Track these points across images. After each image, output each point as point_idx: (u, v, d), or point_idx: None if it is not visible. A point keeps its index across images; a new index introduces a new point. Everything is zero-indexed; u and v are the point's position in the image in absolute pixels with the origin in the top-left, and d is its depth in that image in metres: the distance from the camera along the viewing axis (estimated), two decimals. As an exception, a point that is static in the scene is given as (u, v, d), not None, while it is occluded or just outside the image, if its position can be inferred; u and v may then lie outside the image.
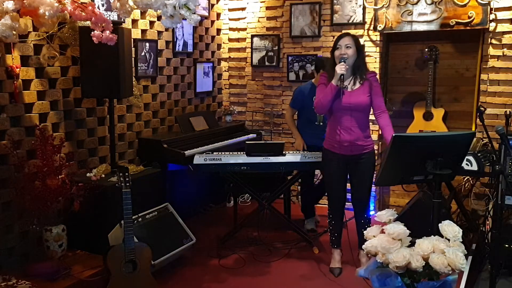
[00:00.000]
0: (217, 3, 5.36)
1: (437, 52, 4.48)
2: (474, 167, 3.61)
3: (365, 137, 3.41)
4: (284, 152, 3.87)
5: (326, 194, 3.85)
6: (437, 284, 2.14)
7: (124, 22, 3.82)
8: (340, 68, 3.23)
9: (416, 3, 4.39)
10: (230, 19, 5.46)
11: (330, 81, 3.32)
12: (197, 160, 3.78)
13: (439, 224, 2.25)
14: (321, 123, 4.18)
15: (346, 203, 3.67)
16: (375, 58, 4.72)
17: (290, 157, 3.85)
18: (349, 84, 3.38)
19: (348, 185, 3.60)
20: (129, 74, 3.61)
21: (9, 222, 3.24)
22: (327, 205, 3.67)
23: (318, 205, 5.15)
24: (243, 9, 5.37)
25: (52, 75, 3.48)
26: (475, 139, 3.97)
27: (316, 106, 3.46)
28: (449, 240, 2.18)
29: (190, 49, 4.91)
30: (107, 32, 2.79)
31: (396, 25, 4.51)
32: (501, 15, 4.12)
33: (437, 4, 4.31)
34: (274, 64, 5.26)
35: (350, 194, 3.65)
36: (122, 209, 2.95)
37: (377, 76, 3.48)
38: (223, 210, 5.01)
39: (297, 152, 4.01)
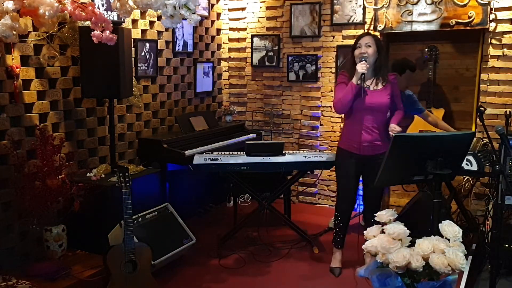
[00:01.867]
0: (217, 3, 5.36)
1: (437, 52, 4.48)
2: (474, 167, 3.61)
3: (382, 138, 3.39)
4: (284, 152, 3.86)
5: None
6: (437, 284, 2.14)
7: (124, 22, 3.82)
8: (361, 67, 3.22)
9: (416, 3, 4.39)
10: (230, 19, 5.46)
11: (350, 80, 3.32)
12: (197, 160, 3.78)
13: (439, 224, 2.25)
14: None
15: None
16: (375, 58, 4.72)
17: (290, 157, 3.85)
18: (371, 84, 3.37)
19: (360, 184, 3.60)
20: (129, 74, 3.60)
21: (9, 222, 3.24)
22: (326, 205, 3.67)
23: (318, 205, 5.17)
24: (243, 9, 5.37)
25: (52, 75, 3.48)
26: (475, 139, 3.97)
27: (335, 105, 3.42)
28: (449, 240, 2.18)
29: (190, 49, 4.91)
30: (107, 32, 2.79)
31: (396, 25, 4.51)
32: (501, 15, 4.12)
33: (437, 4, 4.31)
34: (274, 64, 5.26)
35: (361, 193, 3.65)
36: (122, 209, 2.95)
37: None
38: (223, 210, 5.01)
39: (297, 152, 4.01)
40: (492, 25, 4.15)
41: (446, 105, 4.62)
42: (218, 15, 5.42)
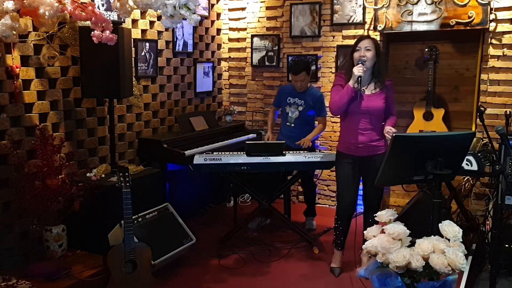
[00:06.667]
0: (217, 3, 5.36)
1: (437, 52, 4.48)
2: (474, 167, 3.61)
3: (379, 139, 3.42)
4: (284, 152, 3.86)
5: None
6: (437, 284, 2.14)
7: (124, 22, 3.82)
8: (358, 70, 3.23)
9: (416, 3, 4.39)
10: (230, 19, 5.46)
11: (347, 83, 3.32)
12: (197, 160, 3.78)
13: (439, 224, 2.25)
14: (292, 125, 4.31)
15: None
16: (375, 58, 4.72)
17: (290, 157, 3.85)
18: (366, 87, 3.38)
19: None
20: (129, 74, 3.61)
21: (9, 222, 3.24)
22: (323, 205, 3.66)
23: (318, 205, 5.16)
24: (243, 9, 5.37)
25: (52, 75, 3.48)
26: (475, 139, 3.97)
27: (331, 107, 3.43)
28: (449, 240, 2.18)
29: (190, 49, 4.91)
30: (107, 32, 2.79)
31: (396, 25, 4.51)
32: (501, 15, 4.12)
33: (437, 4, 4.31)
34: (274, 64, 5.26)
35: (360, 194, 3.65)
36: (122, 209, 2.95)
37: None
38: (223, 210, 5.01)
39: (296, 152, 4.02)
40: (492, 25, 4.15)
41: (446, 105, 4.62)
42: (218, 15, 5.42)
